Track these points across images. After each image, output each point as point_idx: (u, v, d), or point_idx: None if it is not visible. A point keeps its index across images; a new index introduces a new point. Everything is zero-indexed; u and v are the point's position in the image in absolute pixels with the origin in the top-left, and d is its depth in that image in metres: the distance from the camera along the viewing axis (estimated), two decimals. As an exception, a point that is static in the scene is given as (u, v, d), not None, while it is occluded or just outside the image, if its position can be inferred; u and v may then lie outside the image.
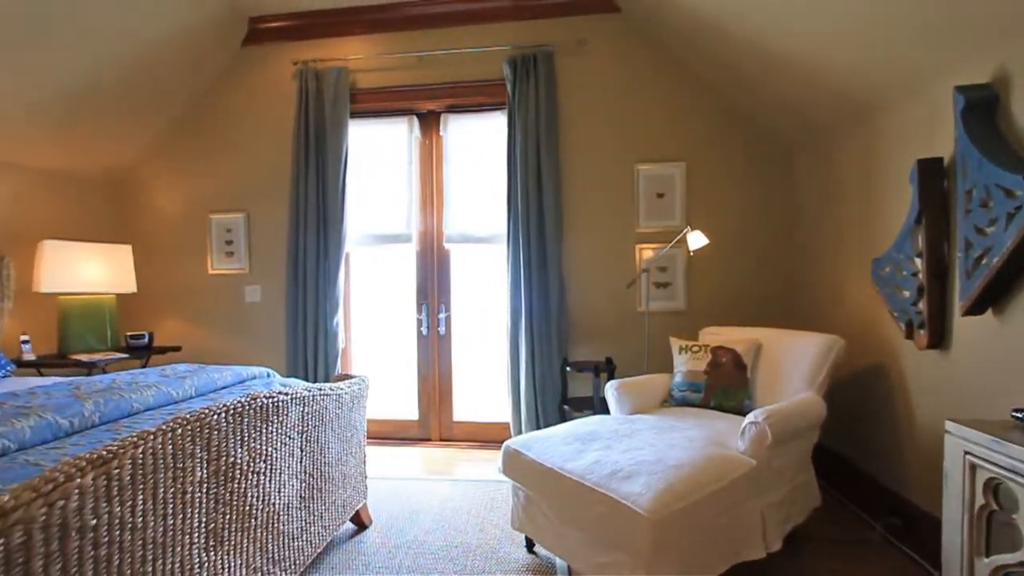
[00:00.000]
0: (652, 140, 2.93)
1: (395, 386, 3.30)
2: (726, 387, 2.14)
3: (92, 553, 0.88)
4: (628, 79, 2.93)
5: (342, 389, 1.79)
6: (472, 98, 3.03)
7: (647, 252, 2.90)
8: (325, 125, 2.99)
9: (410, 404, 3.23)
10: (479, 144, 3.08)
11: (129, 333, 3.03)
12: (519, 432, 2.86)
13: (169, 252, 3.34)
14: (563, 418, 2.71)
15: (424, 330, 3.17)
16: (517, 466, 1.76)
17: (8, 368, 2.37)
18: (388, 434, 3.20)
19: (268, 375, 2.15)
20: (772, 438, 1.60)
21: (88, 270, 2.81)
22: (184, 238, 3.32)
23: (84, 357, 2.68)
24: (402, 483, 2.52)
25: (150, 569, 1.02)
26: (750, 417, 1.66)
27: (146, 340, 3.04)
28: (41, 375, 2.60)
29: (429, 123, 3.16)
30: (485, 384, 3.24)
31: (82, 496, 0.84)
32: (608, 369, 2.64)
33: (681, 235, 2.61)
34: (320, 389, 1.64)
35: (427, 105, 3.08)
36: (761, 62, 2.35)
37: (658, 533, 1.30)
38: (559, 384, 2.83)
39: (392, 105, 3.09)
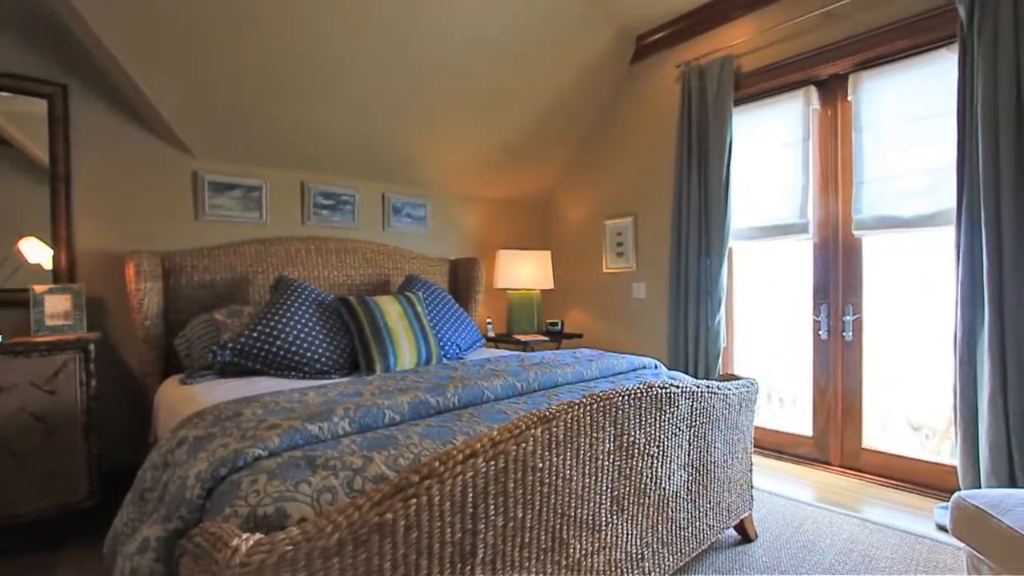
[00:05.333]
0: None
1: (783, 394, 2.97)
2: None
3: (539, 489, 1.13)
4: None
5: (729, 389, 1.73)
6: (894, 44, 2.39)
7: None
8: (708, 119, 2.96)
9: (803, 418, 2.84)
10: (907, 99, 2.41)
11: (548, 320, 3.82)
12: (976, 483, 2.08)
13: (574, 255, 4.02)
14: (1066, 480, 1.83)
15: (824, 334, 2.72)
16: (980, 530, 1.28)
17: (480, 341, 3.36)
18: (773, 446, 2.91)
19: (656, 366, 2.30)
20: None
21: (523, 271, 3.69)
22: (585, 242, 3.93)
23: (521, 337, 3.53)
24: (791, 505, 2.24)
25: (572, 513, 1.23)
26: None
27: (559, 327, 3.76)
28: (497, 348, 3.58)
29: (832, 89, 2.68)
30: (913, 409, 2.52)
31: (534, 443, 1.09)
32: None
33: None
34: (708, 386, 1.63)
35: (829, 69, 2.62)
36: None
37: None
38: (1056, 428, 1.91)
39: (783, 80, 2.77)
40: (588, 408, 1.22)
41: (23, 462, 1.94)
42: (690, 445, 1.60)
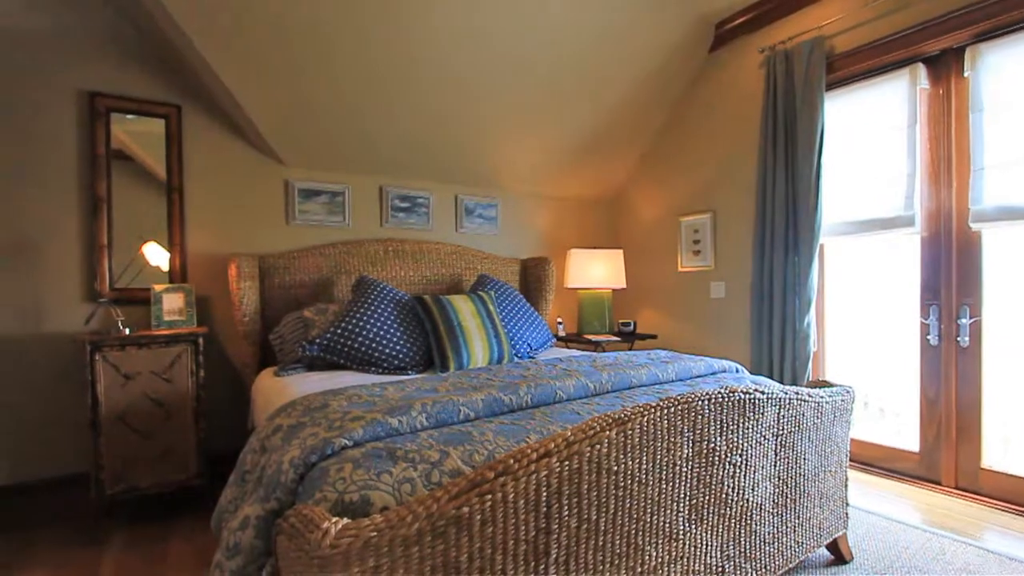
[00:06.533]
0: None
1: (883, 404, 2.71)
2: None
3: (614, 492, 1.10)
4: None
5: (822, 397, 1.60)
6: (1022, 9, 2.11)
7: None
8: (795, 107, 2.76)
9: (907, 431, 2.57)
10: (1039, 74, 2.11)
11: (620, 320, 3.73)
12: None
13: (647, 253, 3.90)
14: None
15: (933, 339, 2.44)
16: None
17: (551, 341, 3.35)
18: (872, 460, 2.66)
19: (737, 370, 2.18)
20: None
21: (595, 270, 3.64)
22: (659, 241, 3.80)
23: (592, 337, 3.48)
24: (893, 526, 2.03)
25: (648, 519, 1.19)
26: None
27: (632, 327, 3.66)
28: (568, 348, 3.55)
29: (944, 65, 2.40)
30: (1047, 427, 2.20)
31: (609, 445, 1.07)
32: None
33: None
34: (797, 393, 1.52)
35: (940, 43, 2.35)
36: None
37: None
38: None
39: (884, 60, 2.52)
40: (665, 411, 1.17)
41: (145, 442, 2.20)
42: (777, 455, 1.50)
